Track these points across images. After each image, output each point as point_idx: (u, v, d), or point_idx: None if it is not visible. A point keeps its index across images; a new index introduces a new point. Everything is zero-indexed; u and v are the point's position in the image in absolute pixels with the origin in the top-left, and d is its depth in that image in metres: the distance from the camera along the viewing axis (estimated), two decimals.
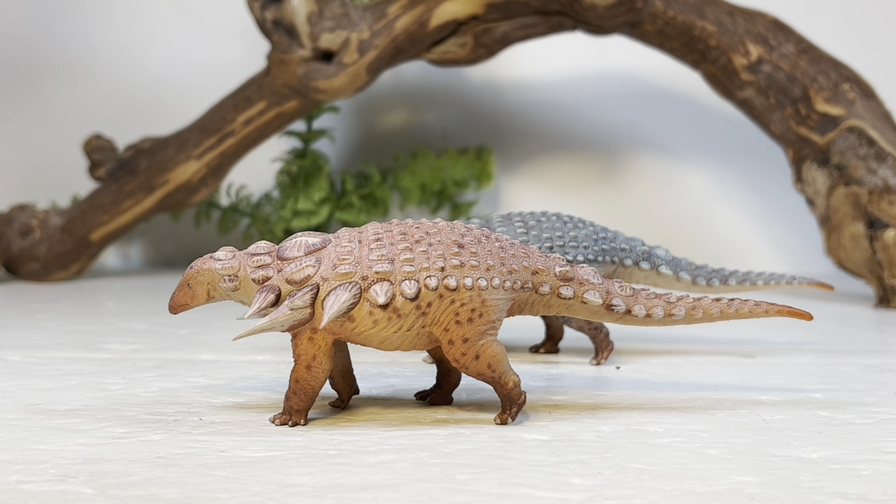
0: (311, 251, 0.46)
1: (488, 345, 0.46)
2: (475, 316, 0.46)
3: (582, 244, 0.62)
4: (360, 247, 0.46)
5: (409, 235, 0.46)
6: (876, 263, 0.92)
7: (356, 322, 0.45)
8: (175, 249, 1.26)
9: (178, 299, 0.48)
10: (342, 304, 0.44)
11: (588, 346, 0.68)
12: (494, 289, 0.46)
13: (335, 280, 0.45)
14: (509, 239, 0.48)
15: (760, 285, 0.68)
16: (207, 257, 0.47)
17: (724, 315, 0.49)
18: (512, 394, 0.47)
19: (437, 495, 0.36)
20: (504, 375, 0.47)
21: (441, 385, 0.51)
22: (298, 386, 0.46)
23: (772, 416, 0.49)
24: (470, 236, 0.47)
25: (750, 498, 0.36)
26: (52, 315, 0.82)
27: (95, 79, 1.26)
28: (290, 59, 0.95)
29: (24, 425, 0.46)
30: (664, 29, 0.96)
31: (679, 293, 0.49)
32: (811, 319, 0.49)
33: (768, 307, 0.49)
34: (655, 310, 0.48)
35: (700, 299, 0.49)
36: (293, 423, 0.46)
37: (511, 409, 0.47)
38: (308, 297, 0.45)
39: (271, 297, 0.45)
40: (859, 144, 0.92)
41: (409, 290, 0.45)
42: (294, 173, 1.15)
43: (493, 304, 0.46)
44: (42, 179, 1.24)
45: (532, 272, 0.47)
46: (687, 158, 1.24)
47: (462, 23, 0.97)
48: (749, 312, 0.49)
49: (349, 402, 0.51)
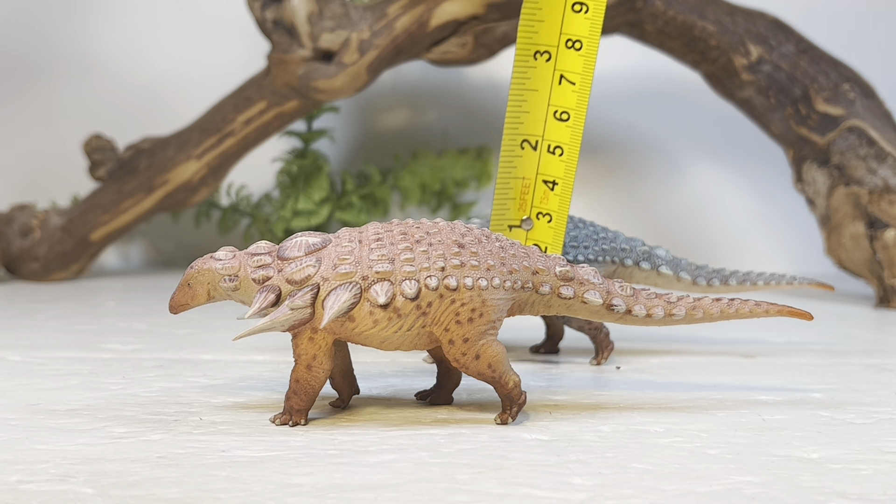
0: (311, 251, 0.46)
1: (489, 345, 0.46)
2: (475, 316, 0.46)
3: (582, 244, 0.62)
4: (361, 247, 0.46)
5: (409, 235, 0.46)
6: (876, 263, 0.92)
7: (357, 322, 0.45)
8: (175, 249, 1.26)
9: (179, 299, 0.48)
10: (342, 303, 0.44)
11: (588, 346, 0.68)
12: (495, 289, 0.46)
13: (335, 280, 0.45)
14: (509, 239, 0.49)
15: (761, 285, 0.68)
16: (208, 257, 0.47)
17: (725, 315, 0.49)
18: (512, 394, 0.47)
19: (437, 495, 0.36)
20: (504, 375, 0.47)
21: (441, 385, 0.51)
22: (299, 386, 0.46)
23: (772, 416, 0.49)
24: (470, 236, 0.47)
25: (750, 498, 0.36)
26: (52, 315, 0.82)
27: (95, 79, 1.26)
28: (291, 59, 0.95)
29: (25, 425, 0.46)
30: (664, 29, 0.96)
31: (679, 293, 0.49)
32: (811, 319, 0.49)
33: (769, 307, 0.49)
34: (656, 310, 0.48)
35: (700, 299, 0.49)
36: (293, 423, 0.46)
37: (511, 409, 0.47)
38: (308, 297, 0.45)
39: (272, 296, 0.45)
40: (859, 144, 0.92)
41: (409, 290, 0.45)
42: (294, 173, 1.15)
43: (493, 304, 0.46)
44: (42, 179, 1.24)
45: (532, 272, 0.47)
46: (687, 158, 1.24)
47: (462, 23, 0.97)
48: (749, 312, 0.49)
49: (349, 402, 0.51)
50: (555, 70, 0.52)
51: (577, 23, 0.52)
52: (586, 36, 0.52)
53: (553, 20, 0.52)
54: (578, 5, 0.52)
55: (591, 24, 0.52)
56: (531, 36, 0.52)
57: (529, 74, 0.52)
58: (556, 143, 0.52)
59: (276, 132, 1.04)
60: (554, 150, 0.52)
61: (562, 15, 0.52)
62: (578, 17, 0.52)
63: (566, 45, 0.52)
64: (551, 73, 0.52)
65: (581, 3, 0.52)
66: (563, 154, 0.52)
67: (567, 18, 0.52)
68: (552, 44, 0.52)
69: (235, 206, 1.18)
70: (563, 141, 0.52)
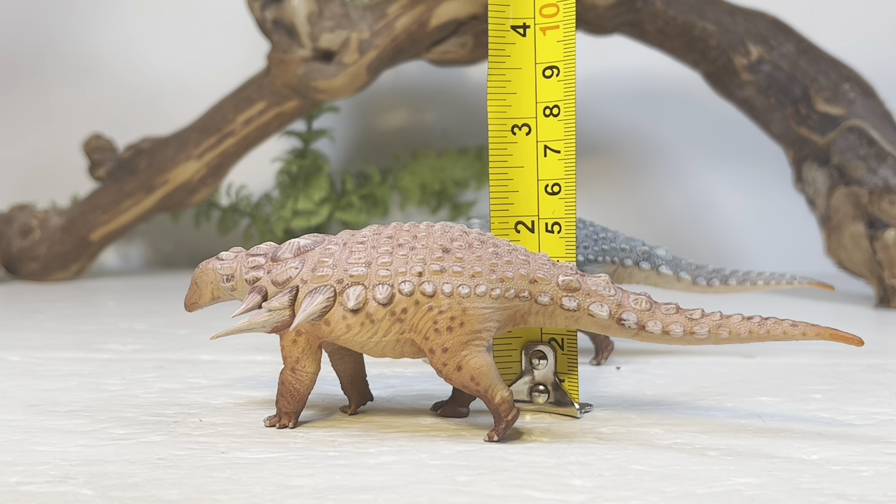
0: (299, 253, 0.46)
1: (471, 356, 0.44)
2: (455, 325, 0.43)
3: (582, 244, 0.62)
4: (343, 249, 0.45)
5: (394, 239, 0.45)
6: (876, 263, 0.92)
7: (332, 326, 0.44)
8: (175, 249, 1.26)
9: (190, 297, 0.49)
10: (314, 306, 0.44)
11: (588, 346, 0.68)
12: (479, 297, 0.43)
13: (313, 283, 0.44)
14: (511, 244, 0.46)
15: (761, 285, 0.68)
16: (214, 258, 0.48)
17: (755, 336, 0.44)
18: (500, 409, 0.44)
19: (437, 497, 0.36)
20: (490, 389, 0.44)
21: (455, 397, 0.49)
22: (284, 388, 0.46)
23: (772, 417, 0.49)
24: (461, 241, 0.45)
25: (750, 499, 0.36)
26: (52, 315, 0.82)
27: (95, 79, 1.26)
28: (290, 59, 0.95)
29: (25, 426, 0.46)
30: (664, 29, 0.96)
31: (708, 310, 0.45)
32: (862, 345, 0.43)
33: (807, 329, 0.43)
34: (674, 327, 0.44)
35: (728, 317, 0.44)
36: (281, 426, 0.46)
37: (499, 426, 0.44)
38: (286, 299, 0.44)
39: (258, 297, 0.45)
40: (859, 144, 0.92)
41: (381, 295, 0.43)
42: (294, 173, 1.15)
43: (475, 313, 0.43)
44: (42, 179, 1.24)
45: (530, 280, 0.44)
46: (687, 158, 1.24)
47: (462, 23, 0.97)
48: (783, 334, 0.43)
49: (357, 409, 0.50)
50: (537, 142, 0.50)
51: (552, 88, 0.50)
52: (562, 99, 0.49)
53: (526, 91, 0.50)
54: (549, 70, 0.50)
55: (565, 87, 0.50)
56: (504, 110, 0.50)
57: (510, 150, 0.50)
58: (553, 220, 0.50)
59: (275, 132, 1.04)
60: (552, 227, 0.50)
61: (534, 84, 0.50)
62: (551, 81, 0.50)
63: (545, 115, 0.50)
64: (534, 145, 0.50)
65: (551, 67, 0.50)
66: (561, 230, 0.50)
67: (540, 86, 0.50)
68: (530, 115, 0.50)
69: (235, 206, 1.18)
70: (559, 216, 0.50)
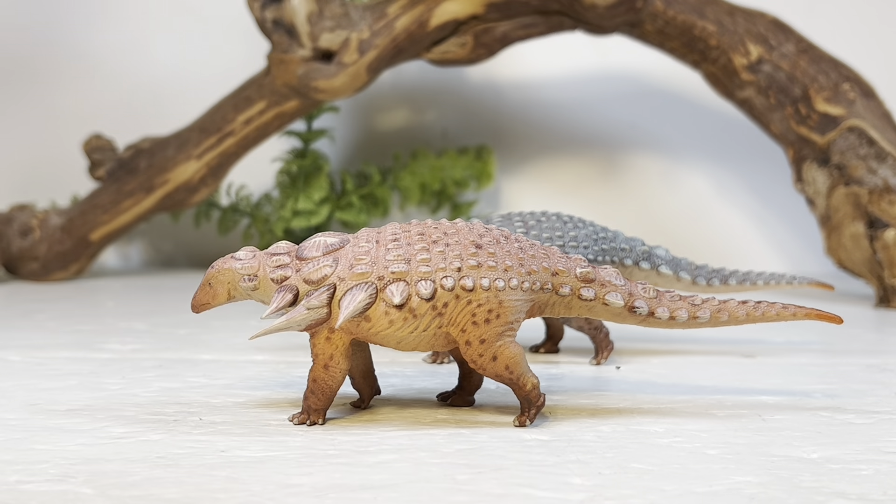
0: (329, 251, 0.46)
1: (506, 346, 0.46)
2: (492, 317, 0.45)
3: (582, 244, 0.62)
4: (378, 247, 0.46)
5: (426, 236, 0.46)
6: (876, 263, 0.92)
7: (372, 322, 0.45)
8: (175, 249, 1.26)
9: (200, 298, 0.48)
10: (358, 303, 0.45)
11: (588, 346, 0.68)
12: (512, 290, 0.46)
13: (352, 280, 0.45)
14: (529, 240, 0.48)
15: (761, 285, 0.68)
16: (228, 257, 0.48)
17: (751, 318, 0.48)
18: (531, 396, 0.47)
19: (436, 495, 0.36)
20: (522, 377, 0.46)
21: (463, 386, 0.51)
22: (316, 385, 0.46)
23: (772, 416, 0.49)
24: (489, 237, 0.47)
25: (750, 498, 0.36)
26: (52, 315, 0.82)
27: (95, 79, 1.26)
28: (290, 59, 0.95)
29: (24, 425, 0.46)
30: (664, 29, 0.96)
31: (705, 296, 0.48)
32: (841, 323, 0.48)
33: (796, 310, 0.48)
34: (679, 312, 0.47)
35: (726, 302, 0.48)
36: (311, 423, 0.47)
37: (529, 412, 0.47)
38: (325, 297, 0.45)
39: (289, 296, 0.46)
40: (859, 144, 0.92)
41: (424, 291, 0.45)
42: (294, 173, 1.15)
43: (510, 305, 0.46)
44: (42, 179, 1.24)
45: (552, 273, 0.47)
46: (687, 158, 1.24)
47: (462, 23, 0.97)
48: (776, 315, 0.48)
49: (370, 402, 0.51)
50: None
51: None
52: None
53: None
54: None
55: None
56: None
57: None
58: None
59: (275, 132, 1.04)
60: None
61: None
62: None
63: None
64: None
65: None
66: None
67: None
68: None
69: (235, 206, 1.18)
70: None
